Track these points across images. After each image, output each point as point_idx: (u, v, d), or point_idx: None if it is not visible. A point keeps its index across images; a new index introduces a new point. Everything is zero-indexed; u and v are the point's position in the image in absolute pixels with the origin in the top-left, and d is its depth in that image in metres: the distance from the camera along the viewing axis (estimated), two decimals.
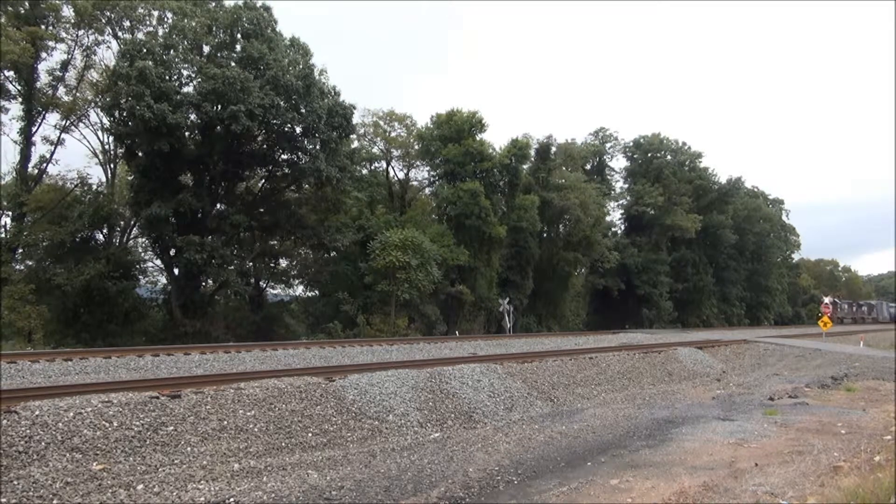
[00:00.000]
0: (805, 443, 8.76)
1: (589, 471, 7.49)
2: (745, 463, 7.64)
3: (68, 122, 29.26)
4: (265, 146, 30.60)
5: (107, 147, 31.95)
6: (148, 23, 29.69)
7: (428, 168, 42.72)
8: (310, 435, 8.83)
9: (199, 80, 26.96)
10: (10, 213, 27.47)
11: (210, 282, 30.35)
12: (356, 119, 34.08)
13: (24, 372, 12.56)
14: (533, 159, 45.00)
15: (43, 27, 27.11)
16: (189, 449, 7.62)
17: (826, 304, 70.38)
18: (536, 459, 8.14)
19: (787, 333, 35.19)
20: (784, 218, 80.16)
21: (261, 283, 35.86)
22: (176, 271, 29.29)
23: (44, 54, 27.46)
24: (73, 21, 28.17)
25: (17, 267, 27.89)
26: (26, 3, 27.16)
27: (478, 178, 37.92)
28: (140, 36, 28.47)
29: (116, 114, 26.62)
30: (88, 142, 31.99)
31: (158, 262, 32.06)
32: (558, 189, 44.20)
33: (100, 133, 31.50)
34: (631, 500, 6.24)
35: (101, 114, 29.62)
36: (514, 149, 39.85)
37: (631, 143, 62.80)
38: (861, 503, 5.43)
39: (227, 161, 29.23)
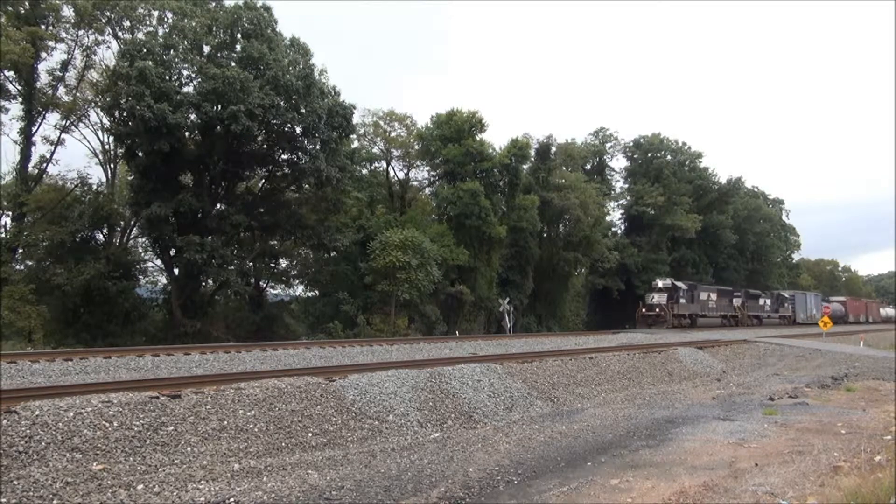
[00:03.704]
0: (805, 443, 8.76)
1: (589, 471, 7.48)
2: (745, 463, 7.63)
3: (68, 122, 29.29)
4: (265, 146, 30.62)
5: (107, 147, 31.98)
6: (148, 23, 29.71)
7: (428, 168, 42.74)
8: (310, 435, 8.83)
9: (199, 80, 26.97)
10: (10, 213, 27.49)
11: (210, 282, 30.36)
12: (356, 119, 34.14)
13: (24, 372, 12.55)
14: (533, 159, 45.00)
15: (43, 27, 27.12)
16: (189, 449, 7.62)
17: (658, 286, 41.41)
18: (536, 459, 8.13)
19: (787, 333, 35.17)
20: (784, 218, 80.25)
21: (261, 283, 35.86)
22: (176, 271, 29.29)
23: (44, 54, 27.48)
24: (73, 21, 28.19)
25: (17, 267, 27.90)
26: (26, 3, 27.17)
27: (478, 178, 37.91)
28: (140, 36, 28.47)
29: (116, 114, 26.65)
30: (88, 142, 32.04)
31: (158, 262, 32.08)
32: (558, 189, 44.19)
33: (100, 133, 31.56)
34: (631, 500, 6.24)
35: (101, 114, 29.69)
36: (514, 149, 39.86)
37: (631, 143, 62.83)
38: (861, 503, 5.43)
39: (227, 161, 29.24)
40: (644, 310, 40.55)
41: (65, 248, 27.37)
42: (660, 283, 41.56)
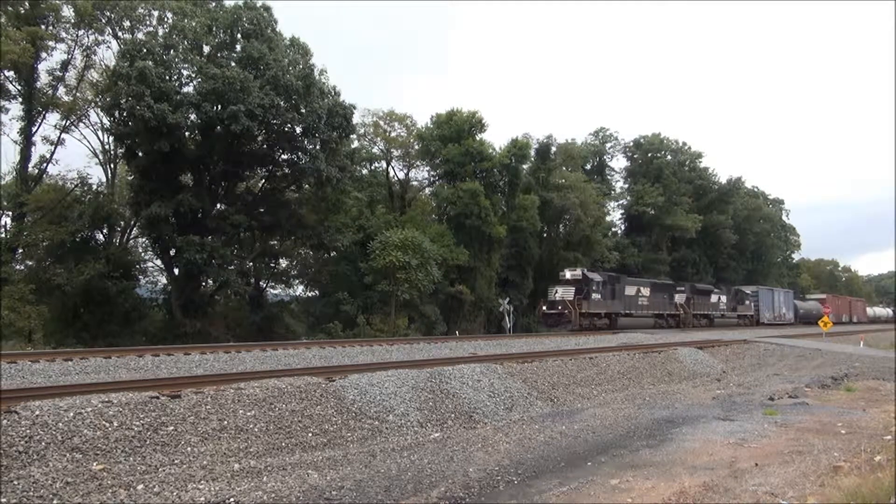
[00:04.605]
0: (805, 443, 8.76)
1: (589, 471, 7.48)
2: (745, 463, 7.64)
3: (68, 122, 29.31)
4: (265, 146, 30.64)
5: (107, 147, 32.02)
6: (148, 23, 29.79)
7: (428, 168, 42.81)
8: (310, 435, 8.83)
9: (199, 80, 26.99)
10: (10, 213, 27.49)
11: (210, 282, 30.38)
12: (356, 119, 34.20)
13: (24, 372, 12.54)
14: (533, 159, 45.06)
15: (43, 27, 27.13)
16: (189, 449, 7.62)
17: (566, 278, 33.27)
18: (536, 459, 8.13)
19: (787, 333, 35.14)
20: (784, 218, 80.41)
21: (261, 283, 35.87)
22: (176, 271, 29.32)
23: (44, 54, 27.49)
24: (73, 21, 28.21)
25: (17, 267, 27.90)
26: (26, 3, 27.19)
27: (478, 178, 37.95)
28: (140, 36, 28.51)
29: (116, 114, 26.67)
30: (88, 142, 32.07)
31: (158, 262, 32.12)
32: (558, 189, 44.26)
33: (100, 133, 31.60)
34: (631, 500, 6.24)
35: (101, 114, 29.71)
36: (513, 149, 39.90)
37: (631, 143, 62.98)
38: (861, 503, 5.43)
39: (227, 161, 29.26)
40: (545, 307, 33.23)
41: (65, 248, 27.38)
42: (567, 274, 33.98)
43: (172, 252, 28.43)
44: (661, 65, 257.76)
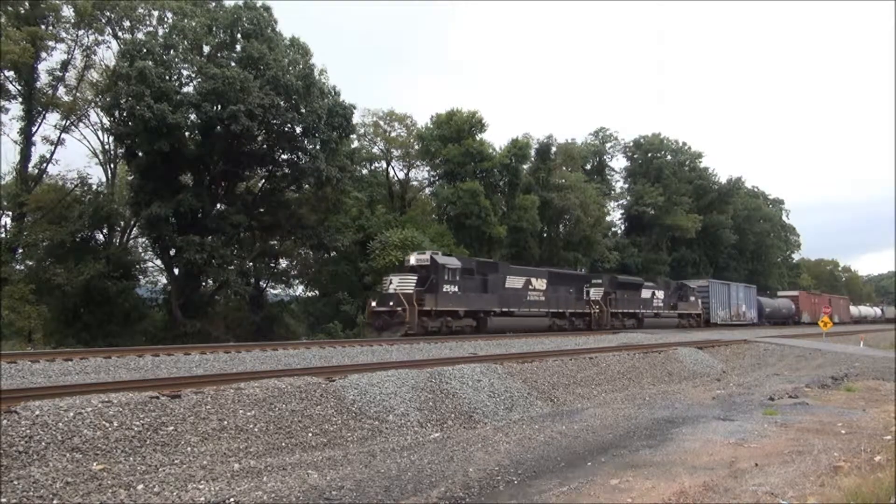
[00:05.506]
0: (805, 443, 8.76)
1: (589, 471, 7.48)
2: (745, 463, 7.63)
3: (68, 122, 29.33)
4: (265, 146, 30.65)
5: (107, 147, 32.04)
6: (148, 23, 29.84)
7: (428, 168, 42.82)
8: (310, 435, 8.83)
9: (199, 80, 27.01)
10: (10, 213, 27.51)
11: (210, 282, 30.41)
12: (356, 119, 34.23)
13: (24, 372, 12.52)
14: (533, 159, 45.07)
15: (43, 27, 27.16)
16: (189, 449, 7.62)
17: (410, 264, 24.74)
18: (536, 459, 8.13)
19: (787, 333, 35.12)
20: (784, 218, 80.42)
21: (261, 283, 35.89)
22: (176, 271, 29.34)
23: (44, 54, 27.53)
24: (73, 21, 28.24)
25: (17, 267, 27.92)
26: (26, 3, 27.21)
27: (478, 178, 37.96)
28: (140, 36, 28.53)
29: (116, 114, 26.69)
30: (88, 142, 32.11)
31: (158, 262, 32.14)
32: (558, 189, 44.26)
33: (100, 133, 31.63)
34: (631, 500, 6.24)
35: (101, 114, 29.75)
36: (514, 149, 39.92)
37: (631, 143, 62.97)
38: (861, 503, 5.43)
39: (227, 161, 29.27)
40: (374, 303, 24.06)
41: (65, 248, 27.39)
42: (412, 260, 25.08)
43: (172, 252, 28.44)
44: (661, 65, 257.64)
